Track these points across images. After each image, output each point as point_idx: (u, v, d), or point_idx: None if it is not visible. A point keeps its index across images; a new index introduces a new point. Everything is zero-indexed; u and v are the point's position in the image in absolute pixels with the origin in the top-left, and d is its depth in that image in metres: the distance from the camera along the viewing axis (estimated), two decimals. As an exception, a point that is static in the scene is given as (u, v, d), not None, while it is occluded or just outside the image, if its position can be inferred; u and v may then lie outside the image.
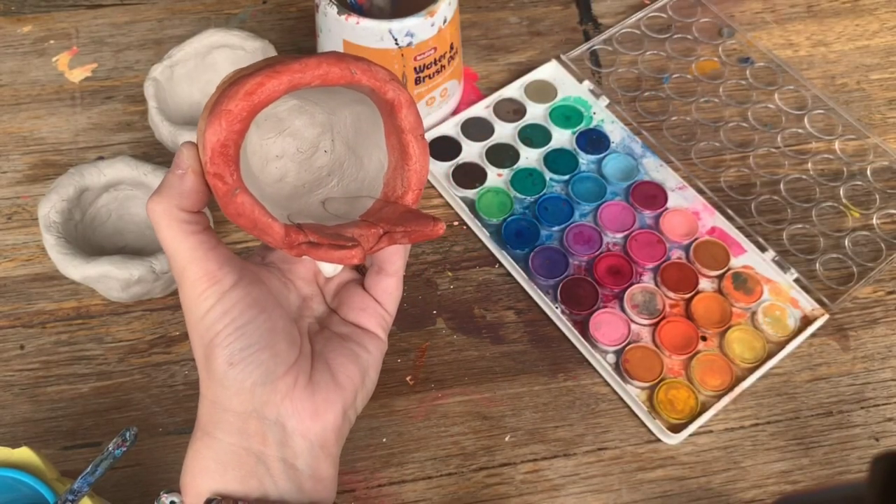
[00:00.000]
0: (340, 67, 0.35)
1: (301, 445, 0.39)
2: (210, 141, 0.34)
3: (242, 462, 0.38)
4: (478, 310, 0.58)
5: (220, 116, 0.34)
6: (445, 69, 0.61)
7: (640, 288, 0.58)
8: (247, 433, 0.38)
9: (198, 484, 0.38)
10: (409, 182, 0.39)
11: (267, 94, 0.34)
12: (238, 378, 0.37)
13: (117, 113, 0.66)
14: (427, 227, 0.38)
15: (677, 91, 0.68)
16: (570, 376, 0.55)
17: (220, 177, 0.35)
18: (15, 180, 0.62)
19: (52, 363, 0.55)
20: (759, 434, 0.54)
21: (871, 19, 0.73)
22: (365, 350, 0.42)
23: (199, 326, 0.37)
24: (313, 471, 0.40)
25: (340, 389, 0.40)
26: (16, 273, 0.58)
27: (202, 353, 0.38)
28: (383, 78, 0.36)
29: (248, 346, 0.37)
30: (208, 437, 0.38)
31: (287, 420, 0.39)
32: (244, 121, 0.34)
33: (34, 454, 0.43)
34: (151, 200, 0.37)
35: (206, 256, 0.37)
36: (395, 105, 0.37)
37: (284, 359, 0.39)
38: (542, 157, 0.63)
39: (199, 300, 0.37)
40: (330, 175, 0.42)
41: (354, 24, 0.56)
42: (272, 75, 0.34)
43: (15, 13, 0.71)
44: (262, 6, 0.73)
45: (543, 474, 0.52)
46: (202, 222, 0.38)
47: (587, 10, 0.73)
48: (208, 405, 0.39)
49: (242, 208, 0.35)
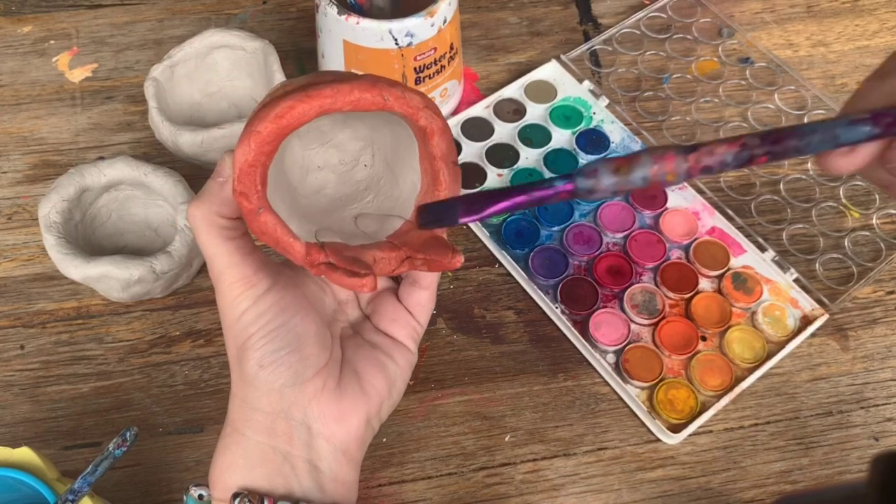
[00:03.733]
0: (373, 94, 0.35)
1: (325, 448, 0.40)
2: (238, 160, 0.35)
3: (269, 460, 0.39)
4: (478, 310, 0.58)
5: (250, 137, 0.34)
6: (445, 69, 0.61)
7: (639, 288, 0.58)
8: (274, 433, 0.40)
9: (225, 479, 0.39)
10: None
11: (297, 119, 0.34)
12: (268, 379, 0.39)
13: (117, 113, 0.66)
14: (445, 258, 0.38)
15: (677, 91, 0.68)
16: (570, 376, 0.55)
17: (246, 196, 0.35)
18: (15, 180, 0.62)
19: (52, 363, 0.55)
20: (759, 434, 0.54)
21: (870, 19, 0.73)
22: (393, 361, 0.43)
23: (234, 328, 0.39)
24: (335, 473, 0.41)
25: (366, 398, 0.41)
26: (16, 273, 0.58)
27: (235, 354, 0.40)
28: (416, 105, 0.36)
29: (278, 348, 0.39)
30: (237, 434, 0.40)
31: (313, 422, 0.40)
32: (273, 143, 0.35)
33: (34, 454, 0.43)
34: (192, 206, 0.38)
35: (244, 261, 0.38)
36: (428, 132, 0.37)
37: (314, 362, 0.40)
38: (541, 158, 0.63)
39: (234, 303, 0.38)
40: (367, 190, 0.43)
41: (354, 24, 0.56)
42: (303, 99, 0.34)
43: (15, 13, 0.71)
44: (262, 6, 0.73)
45: (543, 474, 0.52)
46: (240, 228, 0.39)
47: (587, 11, 0.73)
48: (239, 403, 0.40)
49: (265, 227, 0.36)
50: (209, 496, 0.40)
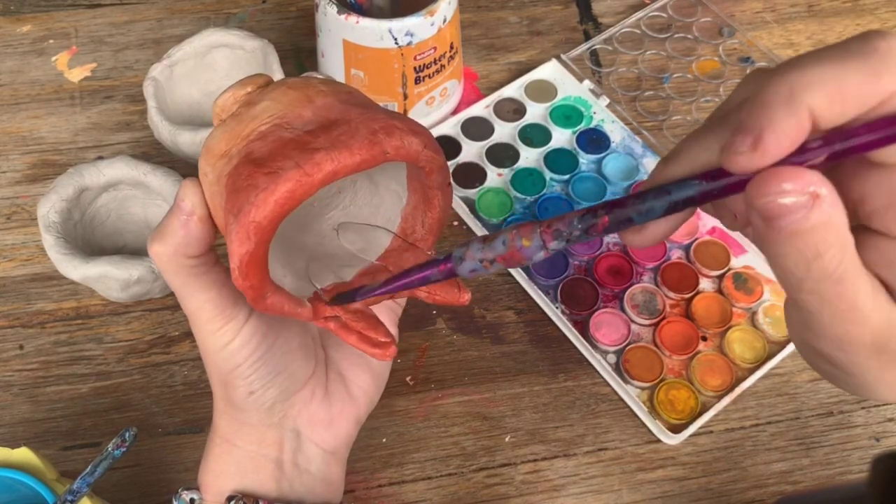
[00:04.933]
0: (374, 154, 0.32)
1: (315, 452, 0.41)
2: (237, 252, 0.32)
3: (261, 466, 0.39)
4: (478, 310, 0.58)
5: (248, 228, 0.31)
6: (445, 69, 0.61)
7: (640, 288, 0.58)
8: (265, 442, 0.40)
9: (219, 484, 0.40)
10: (432, 227, 0.38)
11: (298, 201, 0.31)
12: (258, 403, 0.38)
13: (116, 112, 0.66)
14: (452, 294, 0.37)
15: (678, 91, 0.68)
16: (571, 376, 0.55)
17: (252, 287, 0.33)
18: (14, 180, 0.62)
19: (51, 363, 0.55)
20: (760, 434, 0.53)
21: (871, 19, 0.73)
22: None
23: (216, 359, 0.37)
24: (324, 475, 0.41)
25: (353, 402, 0.42)
26: (15, 273, 0.58)
27: (219, 381, 0.38)
28: (416, 150, 0.33)
29: (267, 373, 0.38)
30: (228, 443, 0.40)
31: (302, 429, 0.40)
32: (273, 228, 0.32)
33: (33, 454, 0.43)
34: (154, 244, 0.34)
35: (220, 294, 0.36)
36: (427, 170, 0.35)
37: (301, 375, 0.40)
38: (542, 157, 0.63)
39: (214, 336, 0.36)
40: (341, 193, 0.40)
41: (354, 23, 0.56)
42: (303, 181, 0.31)
43: (14, 13, 0.71)
44: (261, 5, 0.73)
45: (544, 475, 0.52)
46: (209, 261, 0.36)
47: (587, 10, 0.73)
48: (227, 418, 0.40)
49: (273, 308, 0.34)
50: (201, 500, 0.40)
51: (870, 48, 0.23)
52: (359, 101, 0.34)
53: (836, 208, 0.24)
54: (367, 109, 0.33)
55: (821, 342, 0.27)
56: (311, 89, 0.34)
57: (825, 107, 0.23)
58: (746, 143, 0.23)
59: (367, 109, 0.33)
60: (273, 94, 0.33)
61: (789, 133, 0.23)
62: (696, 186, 0.26)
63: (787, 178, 0.23)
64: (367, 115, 0.32)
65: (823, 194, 0.23)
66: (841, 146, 0.24)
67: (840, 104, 0.23)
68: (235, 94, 0.34)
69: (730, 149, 0.24)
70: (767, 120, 0.23)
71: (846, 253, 0.24)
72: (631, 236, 0.29)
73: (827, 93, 0.23)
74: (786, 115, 0.23)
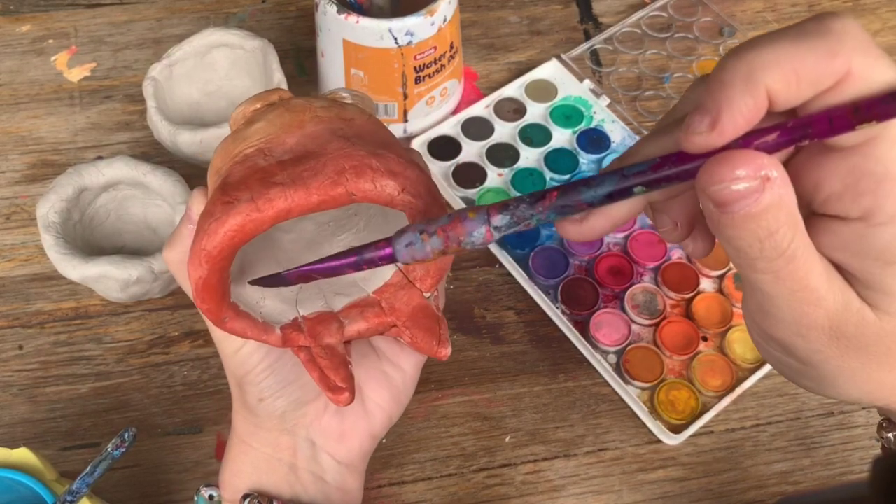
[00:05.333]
0: (335, 195, 0.30)
1: (329, 462, 0.41)
2: (192, 276, 0.32)
3: (275, 469, 0.40)
4: (478, 310, 0.58)
5: (200, 256, 0.31)
6: (445, 68, 0.61)
7: (640, 288, 0.58)
8: (279, 446, 0.40)
9: (235, 483, 0.40)
10: (430, 270, 0.37)
11: (250, 234, 0.31)
12: (268, 410, 0.39)
13: (116, 112, 0.66)
14: (431, 346, 0.36)
15: (678, 91, 0.68)
16: (571, 377, 0.55)
17: (209, 310, 0.33)
18: (13, 180, 0.62)
19: (50, 363, 0.55)
20: (761, 435, 0.53)
21: (872, 18, 0.73)
22: (399, 370, 0.42)
23: (231, 362, 0.39)
24: (340, 484, 0.42)
25: (368, 417, 0.42)
26: (14, 273, 0.58)
27: (235, 383, 0.40)
28: (388, 195, 0.31)
29: (277, 381, 0.39)
30: (244, 444, 0.41)
31: (316, 439, 0.41)
32: (226, 258, 0.31)
33: (33, 455, 0.43)
34: (168, 251, 0.37)
35: None
36: (407, 215, 0.33)
37: (313, 387, 0.40)
38: (542, 157, 0.63)
39: (227, 341, 0.38)
40: (357, 215, 0.40)
41: (354, 23, 0.56)
42: (253, 217, 0.30)
43: (13, 12, 0.71)
44: (261, 5, 0.72)
45: (544, 475, 0.52)
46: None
47: (587, 10, 0.73)
48: (243, 420, 0.41)
49: (234, 332, 0.35)
50: (220, 497, 0.41)
51: (825, 28, 0.23)
52: (353, 132, 0.33)
53: (786, 188, 0.24)
54: (349, 143, 0.32)
55: (778, 328, 0.27)
56: (307, 113, 0.33)
57: (782, 87, 0.23)
58: (705, 122, 0.24)
59: (349, 143, 0.32)
60: (270, 115, 0.33)
61: (746, 113, 0.23)
62: (646, 168, 0.26)
63: (740, 164, 0.23)
64: (343, 151, 0.31)
65: (774, 176, 0.23)
66: (794, 127, 0.24)
67: (796, 84, 0.23)
68: (245, 109, 0.34)
69: (688, 129, 0.24)
70: (726, 99, 0.23)
71: (797, 231, 0.25)
72: (569, 226, 0.29)
73: (783, 73, 0.23)
74: (743, 94, 0.23)
